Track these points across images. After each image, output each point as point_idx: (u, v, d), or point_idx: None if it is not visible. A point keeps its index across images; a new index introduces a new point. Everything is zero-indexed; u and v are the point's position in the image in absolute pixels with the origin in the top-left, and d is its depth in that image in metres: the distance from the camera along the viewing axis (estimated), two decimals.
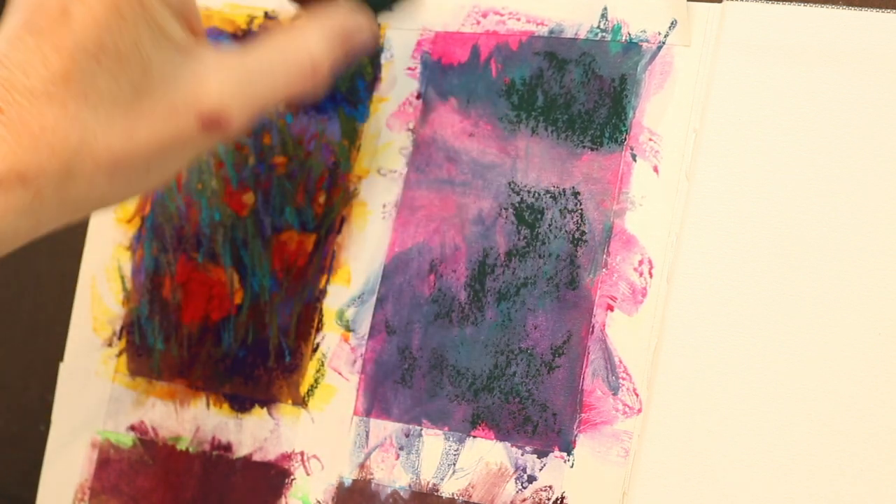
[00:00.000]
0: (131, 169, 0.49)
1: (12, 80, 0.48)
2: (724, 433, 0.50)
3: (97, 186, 0.48)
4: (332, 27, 0.52)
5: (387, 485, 0.55)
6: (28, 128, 0.47)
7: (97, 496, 0.61)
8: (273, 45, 0.51)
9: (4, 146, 0.47)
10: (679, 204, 0.52)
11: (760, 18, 0.52)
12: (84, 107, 0.48)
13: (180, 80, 0.49)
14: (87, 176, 0.48)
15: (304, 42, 0.51)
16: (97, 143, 0.48)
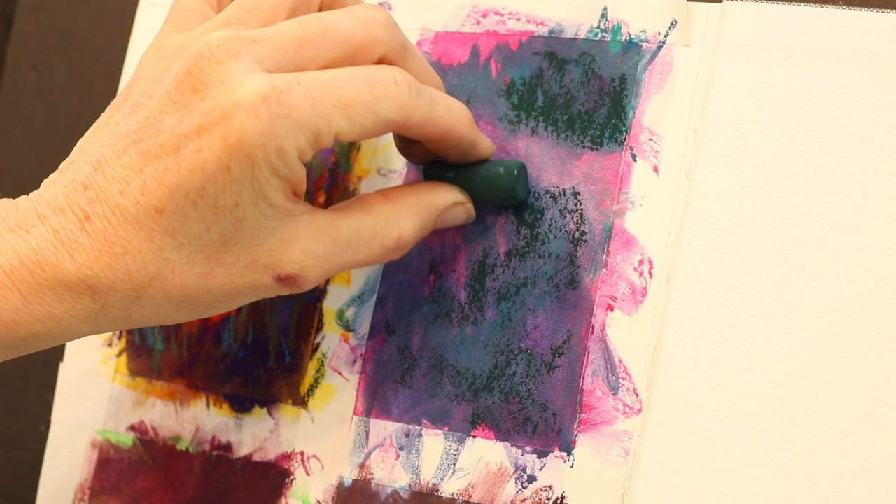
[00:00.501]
0: (199, 303, 0.50)
1: (108, 193, 0.48)
2: (724, 433, 0.50)
3: (162, 311, 0.50)
4: (427, 207, 0.53)
5: (387, 485, 0.55)
6: (111, 246, 0.48)
7: (97, 496, 0.61)
8: (365, 218, 0.51)
9: (84, 256, 0.48)
10: (679, 204, 0.52)
11: (760, 18, 0.52)
12: (169, 243, 0.48)
13: (268, 241, 0.49)
14: (155, 303, 0.49)
15: (397, 221, 0.52)
16: (173, 277, 0.49)
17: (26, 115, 0.69)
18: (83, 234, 0.48)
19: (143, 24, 0.65)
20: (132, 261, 0.48)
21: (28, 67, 0.69)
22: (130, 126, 0.49)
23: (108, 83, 0.66)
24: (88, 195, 0.48)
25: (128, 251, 0.48)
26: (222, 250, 0.49)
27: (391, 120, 0.49)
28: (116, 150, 0.48)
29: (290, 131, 0.47)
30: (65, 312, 0.48)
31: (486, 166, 0.54)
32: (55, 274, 0.48)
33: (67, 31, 0.68)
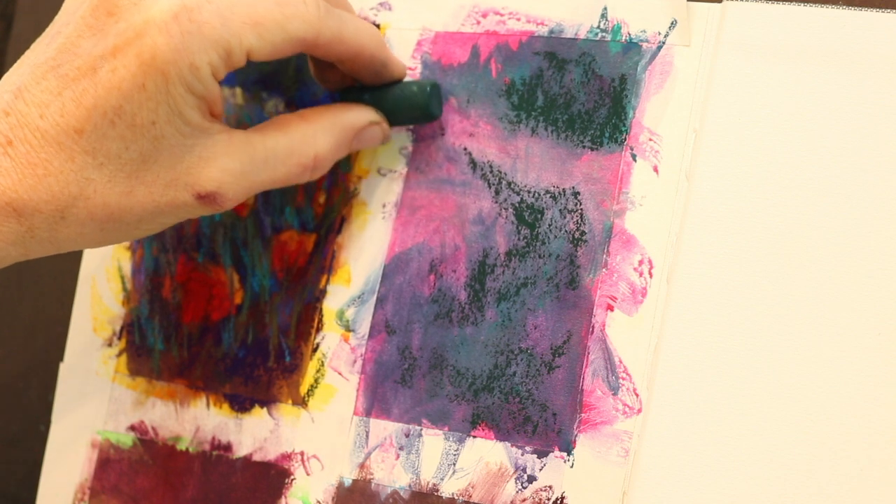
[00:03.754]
0: (122, 223, 0.51)
1: (28, 118, 0.49)
2: (724, 433, 0.50)
3: (87, 233, 0.51)
4: (343, 127, 0.55)
5: (387, 485, 0.55)
6: (33, 168, 0.49)
7: (97, 496, 0.61)
8: (281, 137, 0.53)
9: (7, 180, 0.49)
10: (679, 204, 0.52)
11: (760, 18, 0.52)
12: (90, 162, 0.49)
13: (186, 159, 0.51)
14: (80, 223, 0.50)
15: (313, 138, 0.53)
16: (95, 196, 0.50)
17: None
18: (6, 159, 0.49)
19: None
20: (55, 182, 0.49)
21: None
22: (49, 53, 0.50)
23: None
24: (10, 121, 0.49)
25: (50, 172, 0.49)
26: (142, 169, 0.50)
27: (301, 38, 0.51)
28: (36, 76, 0.50)
29: (202, 47, 0.49)
30: None
31: (400, 86, 0.56)
32: None
33: None
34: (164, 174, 0.50)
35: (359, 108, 0.56)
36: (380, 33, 0.55)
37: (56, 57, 0.50)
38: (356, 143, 0.55)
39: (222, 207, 0.52)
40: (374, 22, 0.59)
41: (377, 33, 0.55)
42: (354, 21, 0.54)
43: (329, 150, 0.54)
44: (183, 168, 0.50)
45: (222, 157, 0.51)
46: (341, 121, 0.55)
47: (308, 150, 0.53)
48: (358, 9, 0.60)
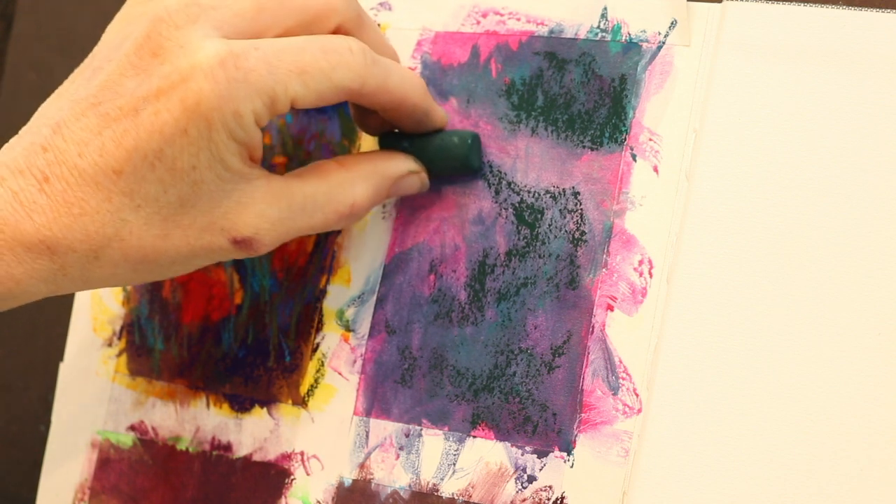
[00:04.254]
0: (156, 264, 0.50)
1: (66, 155, 0.49)
2: (725, 433, 0.50)
3: (119, 273, 0.50)
4: (382, 175, 0.54)
5: (387, 485, 0.55)
6: (69, 207, 0.49)
7: (97, 496, 0.61)
8: (320, 184, 0.52)
9: (43, 217, 0.49)
10: (679, 204, 0.52)
11: (760, 18, 0.52)
12: (127, 204, 0.49)
13: (224, 204, 0.50)
14: (113, 263, 0.50)
15: (351, 186, 0.53)
16: (130, 238, 0.49)
17: (26, 115, 0.69)
18: (42, 196, 0.48)
19: None
20: (90, 221, 0.49)
21: (28, 67, 0.69)
22: (90, 89, 0.49)
23: None
24: (48, 157, 0.49)
25: (86, 212, 0.49)
26: (179, 212, 0.49)
27: (346, 87, 0.50)
28: (76, 112, 0.49)
29: (247, 95, 0.48)
30: (23, 273, 0.49)
31: (441, 136, 0.55)
32: (14, 235, 0.48)
33: (67, 31, 0.68)
34: (201, 218, 0.50)
35: (398, 157, 0.55)
36: (423, 83, 0.54)
37: (97, 94, 0.49)
38: (394, 191, 0.55)
39: (257, 252, 0.51)
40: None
41: (421, 83, 0.54)
42: (400, 70, 0.53)
43: (367, 198, 0.53)
44: (220, 213, 0.50)
45: (260, 203, 0.51)
46: (380, 169, 0.54)
47: (346, 197, 0.53)
48: None
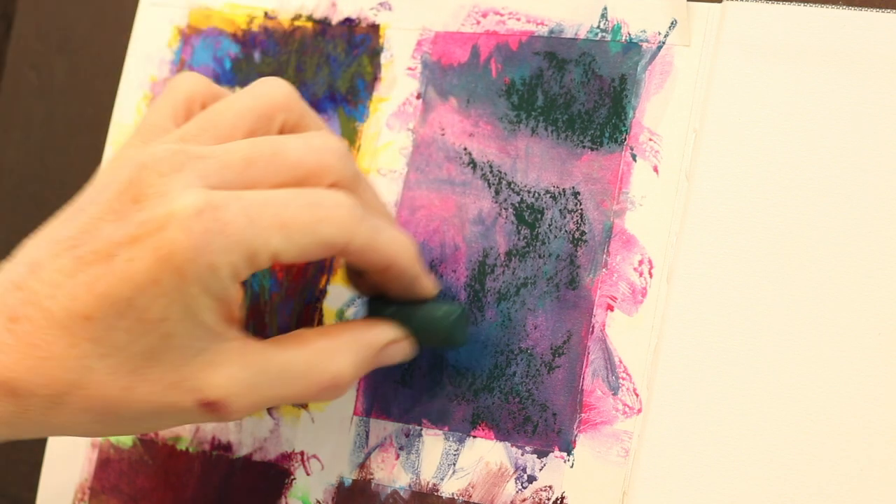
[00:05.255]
0: (120, 418, 0.48)
1: (38, 296, 0.47)
2: (725, 433, 0.50)
3: (82, 422, 0.48)
4: (366, 346, 0.51)
5: (387, 485, 0.55)
6: (35, 349, 0.47)
7: (97, 496, 0.61)
8: (299, 351, 0.50)
9: (7, 357, 0.47)
10: (679, 204, 0.52)
11: (760, 18, 0.52)
12: (94, 351, 0.47)
13: (194, 362, 0.48)
14: (75, 412, 0.48)
15: (332, 356, 0.50)
16: (94, 387, 0.47)
17: (26, 115, 0.69)
18: (9, 335, 0.47)
19: (143, 24, 0.65)
20: (55, 366, 0.47)
21: (28, 67, 0.69)
22: (70, 231, 0.48)
23: (108, 83, 0.66)
24: (20, 296, 0.47)
25: (52, 356, 0.47)
26: (147, 365, 0.47)
27: (331, 242, 0.48)
28: (53, 253, 0.48)
29: (224, 248, 0.46)
30: None
31: (426, 307, 0.53)
32: None
33: (67, 31, 0.69)
34: (169, 374, 0.48)
35: (381, 326, 0.52)
36: (415, 249, 0.52)
37: (76, 237, 0.48)
38: (378, 362, 0.52)
39: (227, 419, 0.49)
40: (373, 22, 0.60)
41: (411, 247, 0.51)
42: (389, 231, 0.51)
43: (349, 370, 0.51)
44: (189, 371, 0.48)
45: (232, 366, 0.48)
46: (363, 339, 0.51)
47: (327, 368, 0.50)
48: (358, 9, 0.60)
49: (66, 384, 0.47)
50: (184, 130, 0.50)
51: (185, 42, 0.64)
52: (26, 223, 0.68)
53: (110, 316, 0.47)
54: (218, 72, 0.63)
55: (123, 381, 0.47)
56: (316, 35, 0.61)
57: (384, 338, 0.52)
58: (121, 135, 0.64)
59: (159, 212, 0.46)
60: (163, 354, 0.47)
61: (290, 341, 0.50)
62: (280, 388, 0.49)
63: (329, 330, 0.51)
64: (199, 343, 0.48)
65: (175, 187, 0.47)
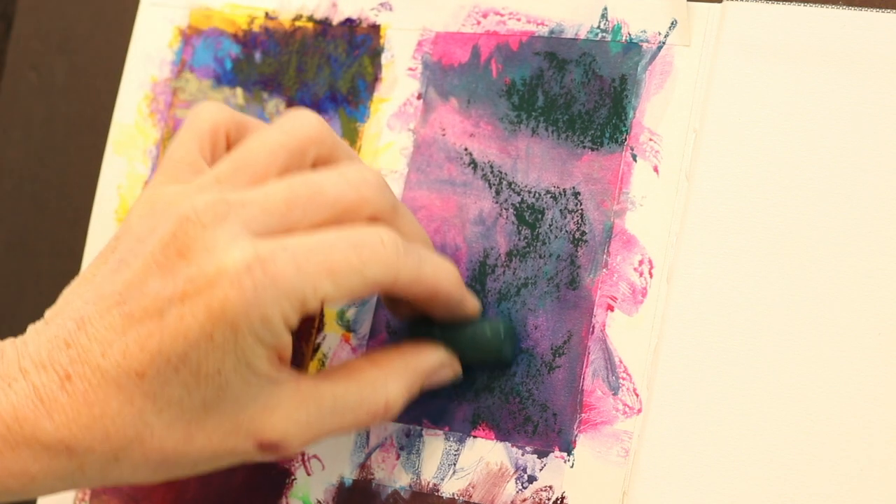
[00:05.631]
0: (177, 466, 0.49)
1: (89, 354, 0.47)
2: (725, 433, 0.50)
3: (139, 473, 0.49)
4: (414, 371, 0.52)
5: (387, 485, 0.55)
6: (90, 407, 0.47)
7: (97, 496, 0.61)
8: (350, 385, 0.50)
9: (62, 416, 0.47)
10: (679, 204, 0.52)
11: (760, 18, 0.52)
12: (150, 407, 0.47)
13: (250, 407, 0.48)
14: (133, 465, 0.48)
15: (384, 385, 0.51)
16: (152, 440, 0.48)
17: (26, 115, 0.69)
18: (63, 394, 0.47)
19: (143, 24, 0.65)
20: (111, 423, 0.47)
21: (28, 67, 0.69)
22: (115, 286, 0.48)
23: (108, 83, 0.66)
24: (70, 354, 0.47)
25: (107, 413, 0.47)
26: (203, 416, 0.48)
27: (379, 281, 0.48)
28: (100, 309, 0.48)
29: (275, 299, 0.46)
30: (40, 470, 0.47)
31: (473, 327, 0.53)
32: (33, 432, 0.47)
33: (67, 31, 0.69)
34: (226, 422, 0.48)
35: (429, 350, 0.53)
36: (457, 272, 0.52)
37: (122, 292, 0.48)
38: (426, 385, 0.53)
39: (284, 456, 0.50)
40: (374, 23, 0.60)
41: (455, 272, 0.52)
42: (433, 259, 0.51)
43: (400, 396, 0.51)
44: (246, 417, 0.48)
45: (288, 407, 0.49)
46: (412, 365, 0.52)
47: (379, 397, 0.51)
48: (359, 9, 0.60)
49: (124, 440, 0.47)
50: (218, 172, 0.50)
51: (185, 42, 0.64)
52: (26, 223, 0.68)
53: (164, 372, 0.47)
54: (219, 72, 0.63)
55: (181, 433, 0.48)
56: (317, 35, 0.61)
57: (433, 362, 0.53)
58: (121, 135, 0.64)
59: (208, 267, 0.46)
60: (219, 404, 0.48)
61: (341, 375, 0.51)
62: (335, 421, 0.50)
63: (378, 358, 0.52)
64: (254, 389, 0.48)
65: (221, 240, 0.47)
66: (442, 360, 0.53)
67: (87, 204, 0.65)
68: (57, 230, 0.67)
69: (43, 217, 0.68)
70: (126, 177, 0.63)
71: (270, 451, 0.49)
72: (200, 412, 0.48)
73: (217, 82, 0.62)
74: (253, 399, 0.48)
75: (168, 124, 0.63)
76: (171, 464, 0.48)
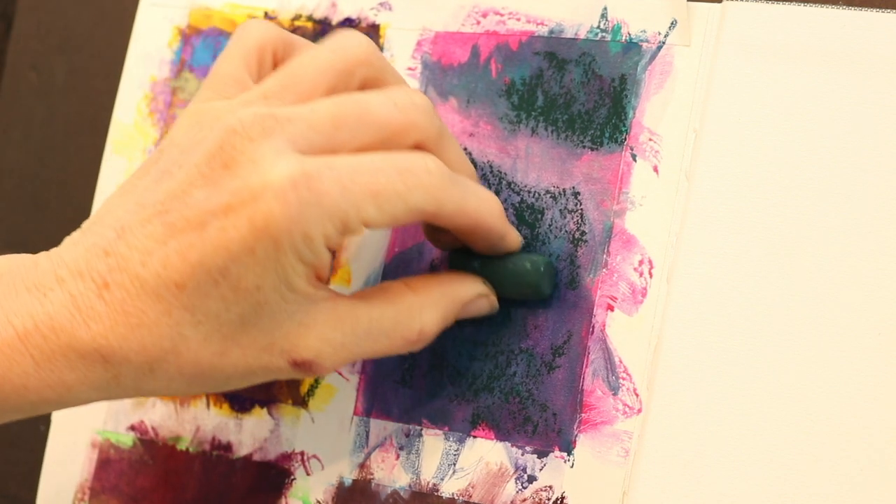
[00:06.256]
0: (211, 379, 0.49)
1: (129, 262, 0.47)
2: (725, 433, 0.50)
3: (173, 386, 0.49)
4: (451, 300, 0.52)
5: (387, 485, 0.55)
6: (127, 317, 0.47)
7: (97, 496, 0.61)
8: (387, 308, 0.50)
9: (99, 325, 0.47)
10: (679, 204, 0.52)
11: (760, 18, 0.52)
12: (187, 319, 0.47)
13: (286, 325, 0.48)
14: (168, 377, 0.48)
15: (419, 312, 0.51)
16: (187, 353, 0.48)
17: (26, 115, 0.69)
18: (100, 303, 0.47)
19: (143, 24, 0.65)
20: (148, 334, 0.47)
21: (28, 67, 0.69)
22: (157, 195, 0.48)
23: (108, 83, 0.66)
24: (109, 262, 0.47)
25: (144, 324, 0.47)
26: (240, 331, 0.48)
27: (422, 209, 0.48)
28: (141, 218, 0.48)
29: (318, 218, 0.46)
30: (76, 380, 0.47)
31: (513, 259, 0.53)
32: (69, 341, 0.47)
33: (67, 31, 0.69)
34: (262, 338, 0.48)
35: (468, 280, 0.53)
36: (500, 206, 0.52)
37: (165, 201, 0.47)
38: (462, 314, 0.53)
39: (317, 374, 0.50)
40: (373, 23, 0.60)
41: (498, 205, 0.52)
42: (477, 191, 0.51)
43: (435, 324, 0.51)
44: (281, 334, 0.48)
45: (323, 326, 0.49)
46: (450, 293, 0.52)
47: (414, 323, 0.50)
48: (358, 9, 0.60)
49: (160, 351, 0.47)
50: (265, 87, 0.50)
51: (185, 42, 0.64)
52: (26, 223, 0.68)
53: (204, 284, 0.47)
54: None
55: (216, 346, 0.48)
56: (316, 35, 0.61)
57: (471, 293, 0.53)
58: (120, 134, 0.64)
59: (254, 180, 0.46)
60: (256, 320, 0.48)
61: (378, 297, 0.50)
62: (368, 344, 0.50)
63: (416, 284, 0.52)
64: (291, 307, 0.48)
65: (267, 154, 0.46)
66: (479, 291, 0.53)
67: (87, 204, 0.65)
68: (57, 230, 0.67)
69: (43, 217, 0.68)
70: (126, 176, 0.63)
71: (303, 369, 0.49)
72: (237, 327, 0.48)
73: None
74: (289, 316, 0.48)
75: (167, 124, 0.63)
76: (206, 377, 0.48)
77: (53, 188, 0.67)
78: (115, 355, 0.47)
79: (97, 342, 0.47)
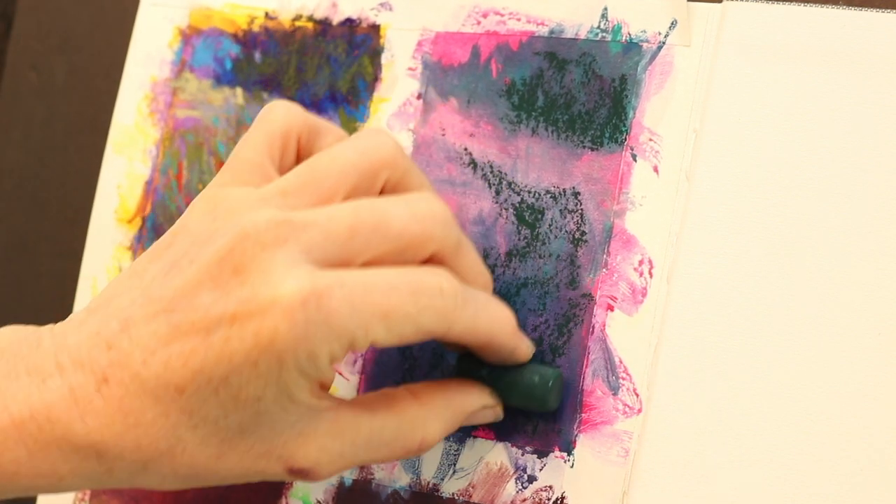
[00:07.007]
0: (206, 480, 0.48)
1: (130, 359, 0.47)
2: (725, 433, 0.50)
3: (167, 483, 0.48)
4: (456, 411, 0.51)
5: (387, 485, 0.55)
6: (125, 415, 0.47)
7: (97, 496, 0.61)
8: (389, 419, 0.49)
9: (95, 420, 0.47)
10: (679, 204, 0.52)
11: (760, 18, 0.52)
12: (185, 422, 0.47)
13: (286, 433, 0.48)
14: (161, 475, 0.48)
15: (423, 423, 0.50)
16: (183, 455, 0.47)
17: (26, 115, 0.69)
18: (99, 397, 0.47)
19: (143, 24, 0.65)
20: (144, 433, 0.47)
21: (28, 67, 0.69)
22: (165, 290, 0.47)
23: (108, 83, 0.66)
24: (111, 356, 0.47)
25: (141, 423, 0.47)
26: (238, 437, 0.47)
27: (432, 331, 0.48)
28: (147, 314, 0.47)
29: (325, 337, 0.45)
30: (69, 471, 0.47)
31: (522, 372, 0.52)
32: (65, 434, 0.47)
33: (67, 31, 0.69)
34: (260, 445, 0.48)
35: (474, 390, 0.52)
36: (513, 319, 0.51)
37: (172, 299, 0.47)
38: (465, 423, 0.52)
39: (313, 481, 0.49)
40: (374, 23, 0.60)
41: (511, 320, 0.51)
42: (489, 307, 0.50)
43: (437, 435, 0.50)
44: (280, 442, 0.48)
45: (324, 437, 0.48)
46: (455, 404, 0.51)
47: (416, 435, 0.50)
48: (358, 9, 0.60)
49: (155, 452, 0.47)
50: (286, 184, 0.49)
51: (185, 42, 0.64)
52: (26, 223, 0.68)
53: (203, 390, 0.46)
54: (218, 72, 0.63)
55: (213, 450, 0.47)
56: (317, 35, 0.61)
57: (476, 405, 0.52)
58: (121, 135, 0.64)
59: (262, 293, 0.45)
60: (255, 428, 0.47)
61: (382, 406, 0.50)
62: (368, 453, 0.49)
63: (421, 393, 0.51)
64: (292, 417, 0.47)
65: (278, 265, 0.46)
66: (485, 403, 0.52)
67: (87, 204, 0.65)
68: (57, 230, 0.67)
69: (43, 217, 0.68)
70: (126, 176, 0.63)
71: (299, 476, 0.49)
72: (235, 433, 0.47)
73: (217, 82, 0.63)
74: (290, 426, 0.47)
75: (168, 124, 0.63)
76: (200, 478, 0.48)
77: (53, 188, 0.67)
78: (109, 452, 0.47)
79: (92, 437, 0.47)
